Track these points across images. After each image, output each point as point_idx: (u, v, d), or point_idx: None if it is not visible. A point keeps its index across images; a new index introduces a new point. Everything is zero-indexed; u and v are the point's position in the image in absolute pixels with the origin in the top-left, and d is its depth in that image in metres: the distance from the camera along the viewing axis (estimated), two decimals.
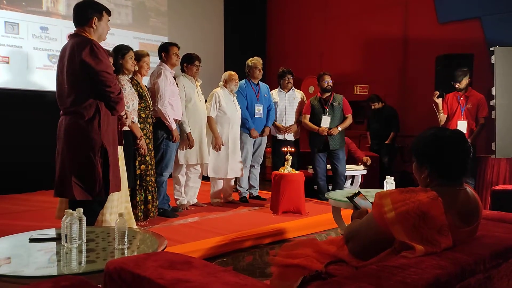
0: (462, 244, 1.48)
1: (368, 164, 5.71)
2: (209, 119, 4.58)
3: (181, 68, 4.48)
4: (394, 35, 6.74)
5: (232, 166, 4.70)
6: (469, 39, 5.76)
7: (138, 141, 3.55)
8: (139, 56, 3.79)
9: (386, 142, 6.04)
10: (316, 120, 5.19)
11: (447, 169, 1.55)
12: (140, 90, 3.76)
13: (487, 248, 1.44)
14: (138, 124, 3.60)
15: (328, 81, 5.17)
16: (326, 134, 5.10)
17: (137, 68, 3.75)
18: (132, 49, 3.63)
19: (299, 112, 5.45)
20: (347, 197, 2.08)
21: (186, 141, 4.29)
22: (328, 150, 5.18)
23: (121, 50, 3.51)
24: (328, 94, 5.21)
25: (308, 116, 5.28)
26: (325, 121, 5.13)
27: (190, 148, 4.32)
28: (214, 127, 4.61)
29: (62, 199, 2.94)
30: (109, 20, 2.82)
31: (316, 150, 5.24)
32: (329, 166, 5.34)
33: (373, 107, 6.21)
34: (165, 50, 4.18)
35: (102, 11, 2.76)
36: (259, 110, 4.99)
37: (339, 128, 5.15)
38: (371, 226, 1.52)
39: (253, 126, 4.95)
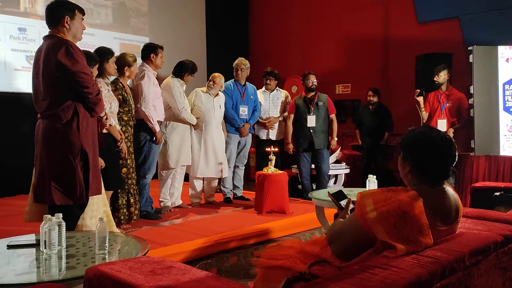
0: (442, 242, 1.50)
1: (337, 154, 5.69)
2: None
3: (178, 74, 4.44)
4: (375, 35, 6.81)
5: (210, 166, 4.66)
6: (448, 38, 5.85)
7: (119, 143, 3.51)
8: (132, 61, 3.80)
9: (382, 143, 5.91)
10: (301, 120, 5.19)
11: (427, 169, 1.57)
12: (125, 94, 3.74)
13: (467, 246, 1.46)
14: (118, 127, 3.56)
15: (313, 80, 5.17)
16: (291, 152, 5.31)
17: (128, 74, 3.78)
18: (114, 53, 3.58)
19: (283, 110, 5.46)
20: (330, 194, 2.04)
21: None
22: (313, 150, 5.21)
23: (106, 55, 3.46)
24: (313, 93, 5.23)
25: (292, 116, 5.29)
26: (311, 120, 5.12)
27: None
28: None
29: (32, 201, 2.90)
30: (83, 19, 2.76)
31: (301, 150, 5.25)
32: (313, 166, 5.36)
33: (372, 100, 5.95)
34: (154, 52, 4.14)
35: (74, 9, 2.70)
36: (243, 111, 4.98)
37: (336, 138, 5.26)
38: (354, 226, 1.53)
39: (241, 124, 4.94)
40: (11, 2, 5.52)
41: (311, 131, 5.15)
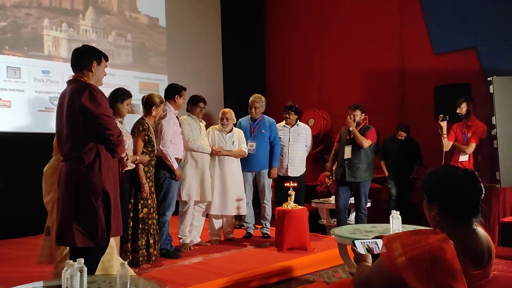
0: None
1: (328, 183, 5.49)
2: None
3: (186, 108, 4.57)
4: (391, 67, 6.82)
5: (227, 203, 4.63)
6: (465, 68, 5.82)
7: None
8: (159, 102, 3.89)
9: (411, 176, 5.78)
10: (341, 150, 5.06)
11: (456, 209, 1.52)
12: (150, 134, 3.81)
13: None
14: (141, 166, 3.61)
15: (354, 114, 5.01)
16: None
17: (154, 114, 3.86)
18: (131, 96, 3.62)
19: (306, 145, 5.35)
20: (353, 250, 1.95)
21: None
22: (349, 183, 4.97)
23: (123, 96, 3.52)
24: (358, 126, 5.04)
25: (337, 145, 5.23)
26: (347, 151, 4.96)
27: None
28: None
29: (45, 244, 2.99)
30: (106, 66, 2.86)
31: (338, 183, 5.07)
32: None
33: (400, 137, 5.89)
34: (179, 94, 4.26)
35: (101, 56, 2.80)
36: (251, 146, 4.96)
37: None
38: (382, 272, 1.47)
39: None
40: (36, 46, 5.74)
41: (346, 162, 4.94)
